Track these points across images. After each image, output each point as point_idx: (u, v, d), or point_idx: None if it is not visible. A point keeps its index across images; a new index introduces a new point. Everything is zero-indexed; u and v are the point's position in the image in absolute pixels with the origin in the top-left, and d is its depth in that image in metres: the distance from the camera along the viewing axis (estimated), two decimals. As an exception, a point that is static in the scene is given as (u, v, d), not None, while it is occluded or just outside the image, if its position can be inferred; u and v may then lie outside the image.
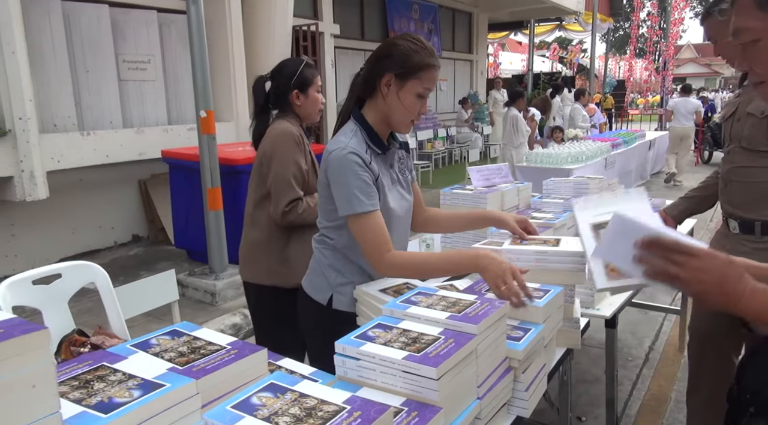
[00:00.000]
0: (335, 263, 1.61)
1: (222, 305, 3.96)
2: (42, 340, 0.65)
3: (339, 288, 1.59)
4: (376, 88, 1.52)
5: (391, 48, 1.50)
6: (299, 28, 6.80)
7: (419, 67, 1.48)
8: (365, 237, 1.46)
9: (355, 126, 1.55)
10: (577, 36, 20.64)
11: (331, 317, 1.59)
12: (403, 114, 1.52)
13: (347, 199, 1.45)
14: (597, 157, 6.47)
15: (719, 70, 47.33)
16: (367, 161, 1.48)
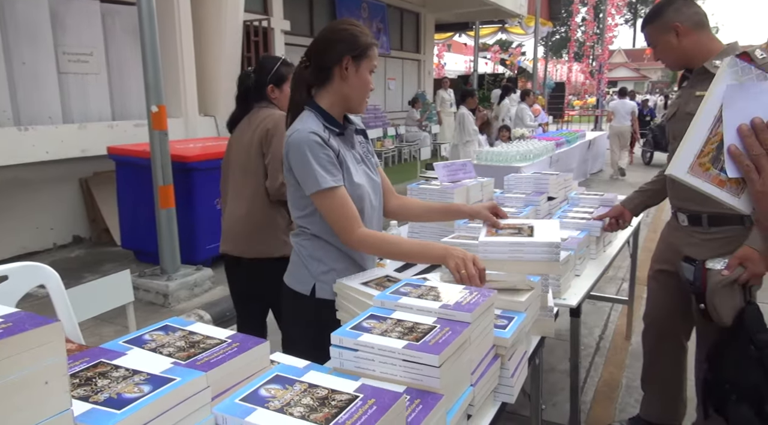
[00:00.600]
0: (315, 253, 1.64)
1: (175, 306, 3.84)
2: (55, 334, 0.62)
3: (321, 277, 1.62)
4: (331, 74, 1.58)
5: (340, 33, 1.57)
6: (250, 23, 6.67)
7: (368, 46, 1.58)
8: (333, 213, 1.52)
9: (309, 112, 1.59)
10: (517, 39, 21.27)
11: (315, 307, 1.62)
12: (362, 91, 1.61)
13: (311, 177, 1.50)
14: (543, 155, 6.69)
15: (647, 75, 49.93)
16: (325, 139, 1.53)
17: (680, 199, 2.22)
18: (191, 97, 5.85)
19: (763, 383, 1.91)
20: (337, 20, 1.64)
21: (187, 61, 5.76)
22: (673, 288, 2.26)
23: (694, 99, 2.08)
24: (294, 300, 1.68)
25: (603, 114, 18.36)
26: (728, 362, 1.99)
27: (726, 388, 1.99)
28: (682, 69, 2.22)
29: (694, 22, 2.06)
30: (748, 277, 1.91)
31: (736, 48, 2.05)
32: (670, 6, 2.10)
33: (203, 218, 4.37)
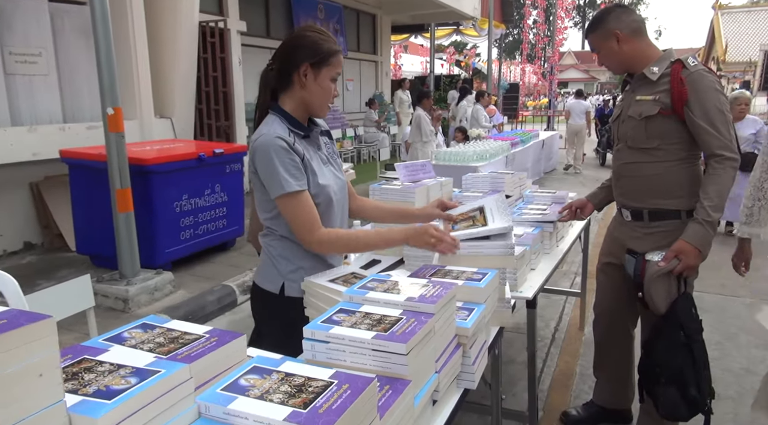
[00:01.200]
0: (284, 252, 1.68)
1: (136, 311, 3.79)
2: (49, 329, 0.66)
3: (289, 275, 1.67)
4: (291, 79, 1.61)
5: (301, 40, 1.60)
6: (206, 24, 6.60)
7: (330, 53, 1.60)
8: (295, 216, 1.56)
9: (274, 116, 1.62)
10: (472, 40, 21.61)
11: (284, 305, 1.66)
12: (322, 98, 1.64)
13: (276, 181, 1.53)
14: (499, 155, 6.87)
15: (596, 76, 51.60)
16: (290, 143, 1.56)
17: (624, 196, 2.36)
18: (146, 99, 5.75)
19: (688, 367, 2.07)
20: (303, 26, 1.67)
21: (142, 62, 5.66)
22: (620, 280, 2.40)
23: (635, 103, 2.22)
24: (263, 299, 1.72)
25: (555, 114, 18.92)
26: (660, 347, 2.15)
27: (656, 371, 2.15)
28: (625, 73, 2.36)
29: (632, 29, 2.20)
30: (682, 269, 2.07)
31: (672, 55, 2.21)
32: (611, 14, 2.23)
33: (162, 222, 4.32)
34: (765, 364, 3.16)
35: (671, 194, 2.20)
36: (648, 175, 2.24)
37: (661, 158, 2.20)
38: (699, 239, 2.05)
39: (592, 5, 58.42)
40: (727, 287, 4.46)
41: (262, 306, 1.75)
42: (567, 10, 23.64)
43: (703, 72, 2.10)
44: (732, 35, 33.53)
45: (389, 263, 2.33)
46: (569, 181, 9.84)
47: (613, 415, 2.62)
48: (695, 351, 2.09)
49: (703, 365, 2.11)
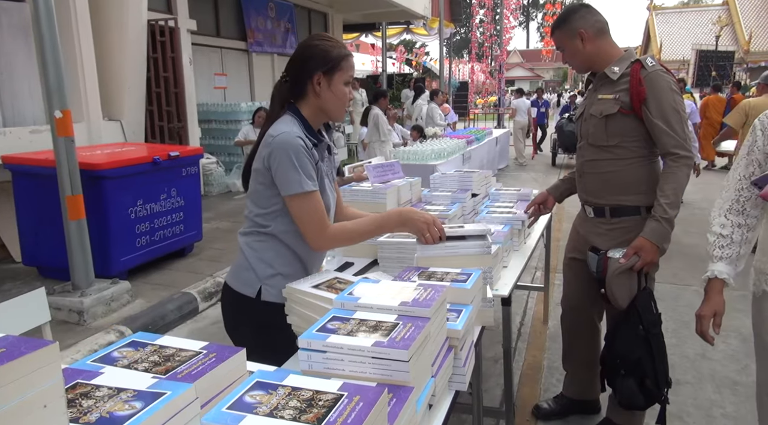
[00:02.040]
0: (264, 255, 1.66)
1: (91, 323, 3.62)
2: (52, 356, 0.61)
3: (268, 280, 1.65)
4: (306, 89, 1.64)
5: (311, 50, 1.63)
6: (155, 22, 6.37)
7: (340, 59, 1.63)
8: (309, 215, 1.58)
9: (291, 117, 1.64)
10: (421, 39, 21.81)
11: (260, 310, 1.64)
12: (338, 103, 1.66)
13: (293, 179, 1.54)
14: (456, 153, 6.95)
15: (541, 74, 53.06)
16: (309, 147, 1.59)
17: (587, 193, 2.42)
18: (93, 101, 5.51)
19: (646, 359, 2.16)
20: (310, 35, 1.70)
21: (87, 62, 5.41)
22: (585, 274, 2.46)
23: (597, 101, 2.28)
24: (238, 303, 1.69)
25: (505, 112, 19.30)
26: (619, 340, 2.23)
27: (617, 363, 2.22)
28: (588, 72, 2.42)
29: (597, 29, 2.25)
30: (642, 265, 2.14)
31: (632, 55, 2.28)
32: (576, 13, 2.28)
33: (116, 229, 4.14)
34: (718, 348, 3.32)
35: (631, 191, 2.27)
36: (609, 172, 2.30)
37: (621, 156, 2.26)
38: (657, 236, 2.13)
39: (536, 5, 60.03)
40: (679, 277, 4.66)
41: (236, 310, 1.72)
42: (513, 10, 24.17)
43: (661, 72, 2.18)
44: (666, 35, 35.14)
45: (363, 265, 2.32)
46: (522, 177, 10.07)
47: (583, 406, 2.69)
48: (653, 343, 2.17)
49: (661, 357, 2.20)
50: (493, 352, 3.32)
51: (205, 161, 7.39)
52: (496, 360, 3.24)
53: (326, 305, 1.38)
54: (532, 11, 61.70)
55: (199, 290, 4.14)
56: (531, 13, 61.54)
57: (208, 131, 8.42)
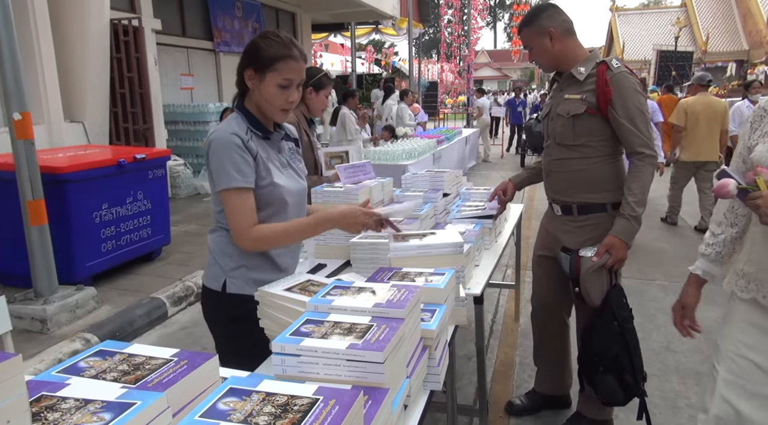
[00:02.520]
0: (226, 249, 1.68)
1: (55, 332, 3.51)
2: (15, 369, 0.59)
3: (231, 272, 1.68)
4: (244, 83, 1.65)
5: (250, 45, 1.64)
6: (118, 21, 6.22)
7: (274, 59, 1.59)
8: (233, 212, 1.57)
9: (236, 114, 1.67)
10: (390, 39, 21.86)
11: (227, 303, 1.68)
12: (269, 105, 1.64)
13: (221, 175, 1.56)
14: (427, 153, 6.98)
15: (508, 74, 53.75)
16: (245, 141, 1.59)
17: (554, 191, 2.46)
18: (54, 102, 5.35)
19: (623, 355, 2.20)
20: (264, 31, 1.69)
21: (47, 62, 5.25)
22: (554, 271, 2.50)
23: (564, 101, 2.32)
24: (208, 297, 1.74)
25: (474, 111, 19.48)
26: (596, 338, 2.28)
27: (595, 361, 2.27)
28: (554, 71, 2.45)
29: (564, 29, 2.29)
30: (613, 262, 2.20)
31: (597, 56, 2.32)
32: (544, 12, 2.31)
33: (80, 234, 4.03)
34: (682, 341, 3.41)
35: (597, 189, 2.32)
36: (575, 170, 2.34)
37: (587, 155, 2.31)
38: (626, 234, 2.18)
39: (503, 6, 60.79)
40: (643, 272, 4.78)
41: (206, 304, 1.76)
42: (480, 11, 24.43)
43: (626, 74, 2.23)
44: (628, 35, 36.00)
45: (336, 266, 2.31)
46: (492, 177, 10.18)
47: (554, 401, 2.73)
48: (628, 338, 2.22)
49: (636, 351, 2.25)
50: (466, 350, 3.34)
51: (173, 163, 7.25)
52: (468, 358, 3.27)
53: (299, 308, 1.37)
54: (499, 12, 62.46)
55: (167, 295, 4.06)
56: (498, 13, 62.29)
57: (174, 133, 8.26)
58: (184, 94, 9.13)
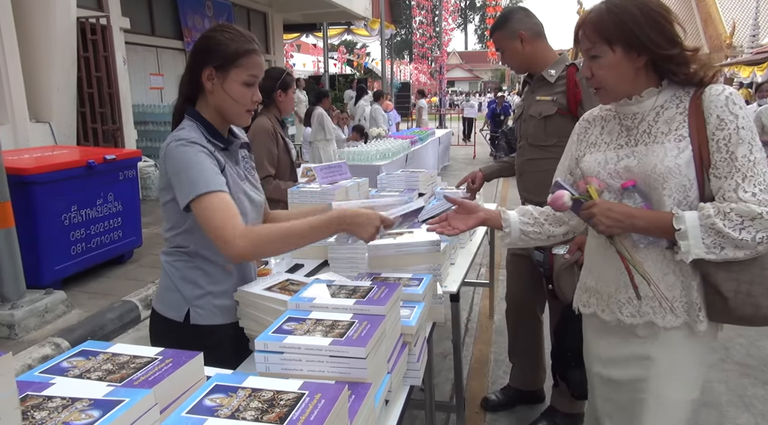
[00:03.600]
0: (189, 274, 1.51)
1: (24, 337, 3.43)
2: (6, 367, 0.59)
3: (196, 301, 1.51)
4: (201, 84, 1.47)
5: (206, 41, 1.45)
6: (85, 20, 6.09)
7: (237, 54, 1.43)
8: (213, 216, 1.32)
9: (190, 121, 1.47)
10: (362, 40, 21.87)
11: (189, 334, 1.50)
12: (234, 106, 1.47)
13: (190, 182, 1.34)
14: (400, 153, 7.03)
15: (479, 76, 54.34)
16: (210, 151, 1.42)
17: (527, 191, 2.52)
18: (19, 101, 5.21)
19: None
20: (213, 25, 1.51)
21: (11, 60, 5.11)
22: (527, 269, 2.55)
23: (535, 103, 2.38)
24: (164, 327, 1.54)
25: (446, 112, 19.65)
26: (569, 333, 2.33)
27: (567, 356, 2.33)
28: (526, 73, 2.51)
29: (535, 32, 2.35)
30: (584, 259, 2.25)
31: (566, 59, 2.38)
32: (515, 15, 2.37)
33: (48, 237, 3.94)
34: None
35: None
36: (547, 170, 2.39)
37: (558, 155, 2.36)
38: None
39: (473, 8, 61.40)
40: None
41: (163, 334, 1.56)
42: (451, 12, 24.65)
43: None
44: (596, 38, 36.67)
45: (313, 266, 2.32)
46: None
47: (529, 396, 2.79)
48: None
49: None
50: (442, 348, 3.38)
51: (143, 164, 7.12)
52: (444, 356, 3.31)
53: (280, 307, 1.38)
54: (470, 14, 63.07)
55: (140, 298, 4.00)
56: (468, 15, 62.89)
57: (144, 133, 8.12)
58: (153, 94, 8.98)
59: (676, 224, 1.28)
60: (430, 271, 1.78)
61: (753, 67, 21.04)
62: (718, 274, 1.31)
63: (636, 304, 1.44)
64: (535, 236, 1.67)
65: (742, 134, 1.28)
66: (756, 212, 1.23)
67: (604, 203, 1.37)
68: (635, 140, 1.42)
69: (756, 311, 1.30)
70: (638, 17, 1.32)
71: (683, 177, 1.32)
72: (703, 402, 2.79)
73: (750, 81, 22.23)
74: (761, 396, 2.84)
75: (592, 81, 1.43)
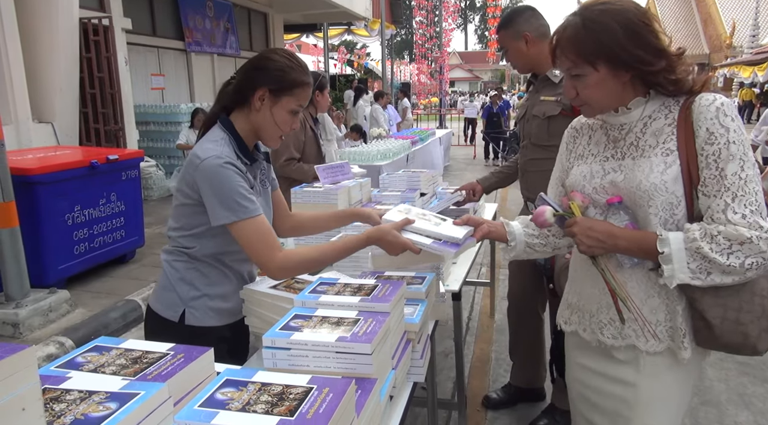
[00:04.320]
0: (186, 276, 1.54)
1: (28, 336, 3.46)
2: (29, 360, 0.61)
3: (192, 303, 1.54)
4: (248, 100, 1.50)
5: (267, 62, 1.49)
6: (87, 20, 6.12)
7: (294, 84, 1.49)
8: (255, 241, 1.42)
9: (223, 134, 1.50)
10: (362, 40, 21.91)
11: (183, 334, 1.51)
12: (274, 129, 1.53)
13: (228, 207, 1.40)
14: (401, 153, 7.04)
15: (480, 76, 54.36)
16: (243, 171, 1.46)
17: (529, 190, 2.54)
18: (22, 102, 5.24)
19: None
20: (274, 48, 1.57)
21: (14, 61, 5.14)
22: (529, 269, 2.58)
23: (539, 103, 2.40)
24: (159, 326, 1.57)
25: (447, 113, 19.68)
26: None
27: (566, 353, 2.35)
28: (530, 73, 2.53)
29: (540, 32, 2.36)
30: None
31: None
32: (521, 16, 2.38)
33: (52, 236, 3.97)
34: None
35: None
36: (550, 170, 2.41)
37: None
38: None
39: (473, 8, 61.43)
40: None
41: (158, 333, 1.57)
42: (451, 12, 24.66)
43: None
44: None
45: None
46: (466, 177, 10.31)
47: (529, 394, 2.81)
48: None
49: None
50: (443, 347, 3.41)
51: (144, 164, 7.15)
52: (446, 355, 3.33)
53: (286, 305, 1.40)
54: (470, 14, 63.11)
55: (143, 297, 4.02)
56: (468, 15, 62.92)
57: (146, 133, 8.16)
58: (154, 95, 9.01)
59: (660, 246, 1.21)
60: (433, 270, 1.80)
61: (753, 67, 21.06)
62: (704, 299, 1.23)
63: (618, 326, 1.37)
64: (540, 248, 1.61)
65: (733, 150, 1.18)
66: (745, 237, 1.14)
67: (586, 222, 1.30)
68: (622, 152, 1.34)
69: (744, 339, 1.22)
70: (618, 34, 1.22)
71: (670, 195, 1.24)
72: (702, 401, 2.82)
73: (751, 81, 22.32)
74: (761, 395, 2.87)
75: (576, 100, 1.34)
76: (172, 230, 1.56)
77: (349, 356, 1.06)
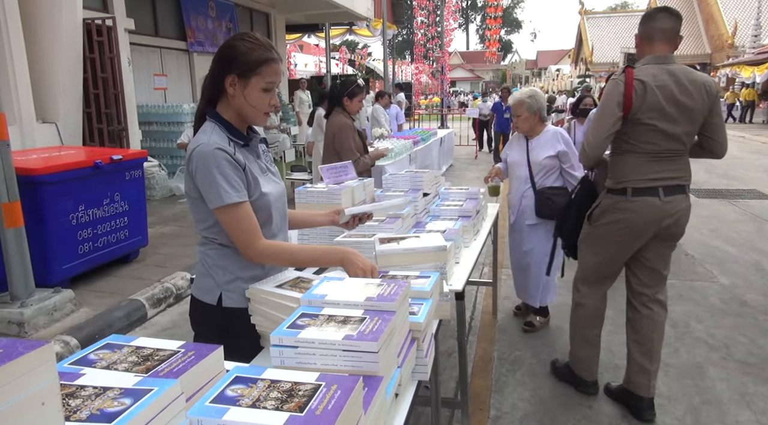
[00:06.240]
0: (220, 262, 1.64)
1: (33, 335, 3.48)
2: (48, 355, 0.63)
3: (227, 286, 1.63)
4: (223, 89, 1.58)
5: (228, 50, 1.56)
6: (91, 21, 6.14)
7: (258, 63, 1.55)
8: (235, 227, 1.54)
9: (212, 124, 1.59)
10: (363, 40, 21.91)
11: (222, 316, 1.63)
12: (252, 110, 1.59)
13: (215, 192, 1.50)
14: (403, 153, 7.06)
15: (481, 76, 54.34)
16: (231, 153, 1.53)
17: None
18: (26, 102, 5.26)
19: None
20: (235, 33, 1.62)
21: (18, 61, 5.16)
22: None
23: None
24: (201, 311, 1.68)
25: (448, 112, 19.67)
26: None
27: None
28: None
29: (647, 35, 2.57)
30: None
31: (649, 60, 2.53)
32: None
33: (57, 236, 3.99)
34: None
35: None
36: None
37: None
38: None
39: (474, 8, 61.40)
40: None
41: (200, 317, 1.69)
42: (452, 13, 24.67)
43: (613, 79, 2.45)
44: (596, 38, 36.76)
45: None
46: (468, 177, 10.32)
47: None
48: None
49: None
50: (446, 346, 3.42)
51: (147, 164, 7.18)
52: (449, 354, 3.34)
53: (292, 304, 1.42)
54: (471, 14, 63.09)
55: (147, 297, 4.04)
56: (470, 15, 62.90)
57: (148, 133, 8.18)
58: (157, 95, 9.03)
59: None
60: (436, 269, 1.82)
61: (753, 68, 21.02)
62: None
63: None
64: None
65: None
66: None
67: None
68: None
69: None
70: None
71: None
72: (704, 400, 2.83)
73: (752, 81, 22.29)
74: (762, 394, 2.88)
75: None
76: (195, 224, 1.66)
77: (355, 354, 1.08)
